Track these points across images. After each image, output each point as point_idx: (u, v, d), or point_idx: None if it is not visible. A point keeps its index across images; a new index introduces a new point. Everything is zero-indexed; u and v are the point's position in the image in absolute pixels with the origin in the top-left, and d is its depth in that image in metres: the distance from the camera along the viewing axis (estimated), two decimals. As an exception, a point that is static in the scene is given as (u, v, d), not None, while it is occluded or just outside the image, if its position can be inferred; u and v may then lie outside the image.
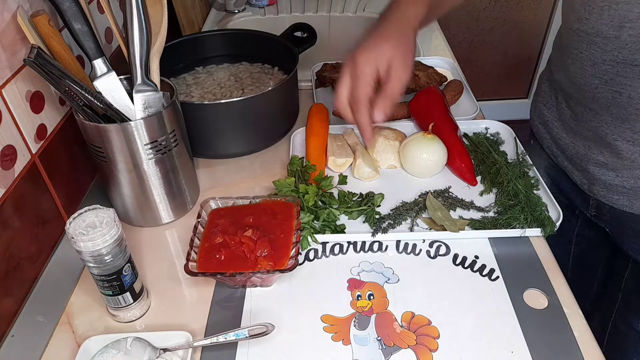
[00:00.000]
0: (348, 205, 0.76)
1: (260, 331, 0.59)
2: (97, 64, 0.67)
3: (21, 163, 0.65)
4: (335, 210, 0.74)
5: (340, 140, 0.89)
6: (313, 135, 0.87)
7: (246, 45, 1.00)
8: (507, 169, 0.80)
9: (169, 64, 0.90)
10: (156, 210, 0.75)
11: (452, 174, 0.84)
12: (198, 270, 0.62)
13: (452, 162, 0.83)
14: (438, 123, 0.84)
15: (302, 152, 0.88)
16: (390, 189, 0.81)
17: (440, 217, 0.73)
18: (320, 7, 1.41)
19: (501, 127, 0.91)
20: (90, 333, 0.61)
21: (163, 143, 0.70)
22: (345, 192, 0.78)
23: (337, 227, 0.73)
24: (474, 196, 0.79)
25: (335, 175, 0.82)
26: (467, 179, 0.82)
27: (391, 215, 0.75)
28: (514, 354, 0.58)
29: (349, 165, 0.85)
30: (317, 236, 0.71)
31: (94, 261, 0.56)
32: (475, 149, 0.87)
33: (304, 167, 0.81)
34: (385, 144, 0.85)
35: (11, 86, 0.63)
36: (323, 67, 1.06)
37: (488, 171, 0.82)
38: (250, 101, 0.81)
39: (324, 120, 0.90)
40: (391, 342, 0.60)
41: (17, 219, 0.64)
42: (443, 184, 0.81)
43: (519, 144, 0.86)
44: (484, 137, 0.89)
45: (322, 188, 0.77)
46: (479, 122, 0.93)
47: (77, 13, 0.63)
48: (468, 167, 0.82)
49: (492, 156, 0.83)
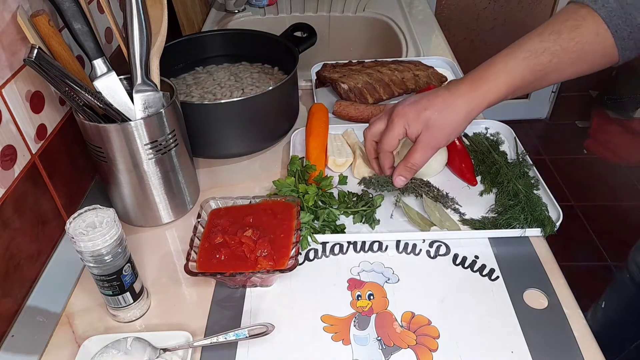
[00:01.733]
0: (348, 205, 0.76)
1: (260, 331, 0.59)
2: (97, 64, 0.67)
3: (21, 163, 0.65)
4: (335, 210, 0.74)
5: (340, 140, 0.89)
6: (313, 135, 0.87)
7: (246, 45, 1.00)
8: (507, 168, 0.80)
9: (169, 64, 0.90)
10: (156, 210, 0.75)
11: (452, 173, 0.84)
12: (198, 270, 0.62)
13: (452, 161, 0.83)
14: None
15: (302, 152, 0.88)
16: None
17: (439, 219, 0.73)
18: (320, 7, 1.41)
19: (501, 127, 0.91)
20: (90, 333, 0.61)
21: (163, 143, 0.70)
22: (345, 193, 0.78)
23: (337, 227, 0.73)
24: (474, 196, 0.79)
25: (335, 175, 0.82)
26: (467, 178, 0.82)
27: (381, 180, 0.78)
28: (514, 354, 0.58)
29: (349, 165, 0.85)
30: (317, 236, 0.71)
31: (94, 261, 0.56)
32: (475, 149, 0.87)
33: (304, 167, 0.81)
34: None
35: (11, 86, 0.63)
36: (323, 67, 1.06)
37: (488, 171, 0.82)
38: (250, 101, 0.81)
39: (324, 120, 0.91)
40: (391, 342, 0.60)
41: (17, 219, 0.64)
42: (443, 183, 0.81)
43: (519, 144, 0.86)
44: (484, 137, 0.89)
45: (322, 188, 0.77)
46: (479, 121, 0.92)
47: (77, 13, 0.63)
48: (468, 166, 0.82)
49: (492, 156, 0.83)
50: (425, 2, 1.48)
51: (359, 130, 0.89)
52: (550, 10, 2.31)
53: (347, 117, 0.95)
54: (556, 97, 2.54)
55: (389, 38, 1.32)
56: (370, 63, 1.07)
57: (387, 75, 1.01)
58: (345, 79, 0.99)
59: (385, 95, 1.00)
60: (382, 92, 0.99)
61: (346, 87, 0.98)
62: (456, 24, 2.32)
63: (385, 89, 1.00)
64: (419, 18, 1.38)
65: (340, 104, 0.95)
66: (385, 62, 1.06)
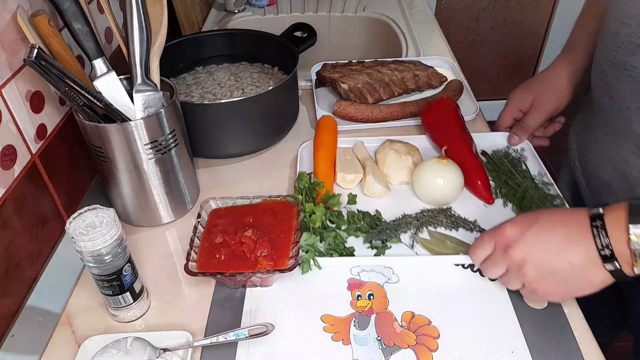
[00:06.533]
0: (357, 226, 0.72)
1: (260, 331, 0.59)
2: (97, 64, 0.67)
3: (21, 163, 0.65)
4: (342, 233, 0.70)
5: (350, 154, 0.85)
6: (321, 149, 0.83)
7: (246, 45, 1.00)
8: (533, 191, 0.75)
9: (169, 64, 0.90)
10: (156, 210, 0.75)
11: (468, 191, 0.79)
12: (198, 270, 0.62)
13: (467, 179, 0.77)
14: (452, 138, 0.81)
15: (310, 166, 0.84)
16: (401, 206, 0.77)
17: (453, 247, 0.70)
18: (320, 7, 1.41)
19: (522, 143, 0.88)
20: (90, 333, 0.61)
21: (163, 143, 0.70)
22: (354, 213, 0.74)
23: (346, 250, 0.69)
24: (494, 215, 0.74)
25: (344, 193, 0.78)
26: (483, 196, 0.77)
27: (391, 226, 0.72)
28: (514, 354, 0.58)
29: (359, 182, 0.81)
30: (321, 261, 0.67)
31: (94, 261, 0.56)
32: (497, 168, 0.81)
33: (311, 184, 0.77)
34: (397, 159, 0.81)
35: (11, 86, 0.63)
36: (323, 67, 1.06)
37: (513, 194, 0.76)
38: (250, 101, 0.81)
39: (332, 133, 0.87)
40: (391, 342, 0.60)
41: (17, 219, 0.64)
42: (457, 201, 0.77)
43: (541, 163, 0.83)
44: (504, 153, 0.84)
45: (329, 207, 0.73)
46: (494, 135, 0.89)
47: (77, 13, 0.63)
48: (484, 183, 0.77)
49: (515, 177, 0.78)
50: (425, 2, 1.48)
51: (369, 144, 0.87)
52: (550, 10, 2.31)
53: (347, 117, 0.95)
54: (556, 97, 2.54)
55: (389, 38, 1.32)
56: (370, 63, 1.07)
57: (387, 75, 1.01)
58: (345, 79, 0.99)
59: (385, 95, 1.00)
60: (382, 92, 1.00)
61: (346, 87, 0.98)
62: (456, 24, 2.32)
63: (385, 89, 1.00)
64: (419, 18, 1.38)
65: (340, 104, 0.95)
66: (385, 62, 1.06)
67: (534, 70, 2.49)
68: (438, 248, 0.70)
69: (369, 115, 0.93)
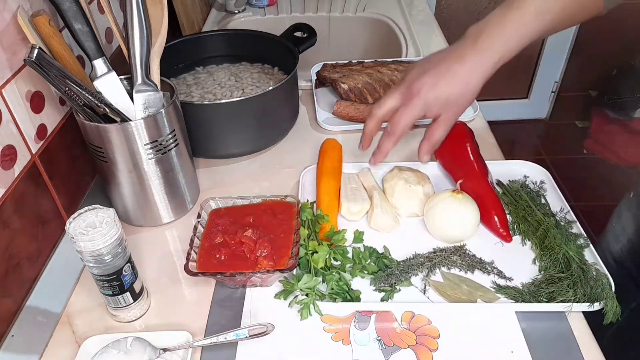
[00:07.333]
0: (363, 265, 0.67)
1: (260, 331, 0.59)
2: (97, 64, 0.67)
3: (21, 163, 0.65)
4: (346, 275, 0.64)
5: (355, 182, 0.79)
6: (325, 177, 0.77)
7: (246, 45, 1.00)
8: (555, 230, 0.68)
9: (169, 64, 0.90)
10: (156, 210, 0.75)
11: (483, 227, 0.72)
12: (198, 270, 0.62)
13: (482, 213, 0.71)
14: (467, 169, 0.75)
15: (313, 193, 0.78)
16: (410, 242, 0.71)
17: (468, 291, 0.64)
18: (320, 7, 1.41)
19: (539, 172, 0.81)
20: (90, 333, 0.61)
21: (163, 143, 0.70)
22: (359, 252, 0.68)
23: (351, 294, 0.63)
24: (516, 257, 0.69)
25: (350, 228, 0.72)
26: (501, 235, 0.70)
27: (400, 268, 0.66)
28: (514, 354, 0.58)
29: (365, 213, 0.75)
30: (322, 306, 0.62)
31: (94, 261, 0.56)
32: (514, 202, 0.74)
33: (315, 216, 0.71)
34: (407, 189, 0.74)
35: (11, 86, 0.63)
36: (323, 67, 1.06)
37: (533, 232, 0.70)
38: (250, 101, 0.81)
39: (337, 159, 0.81)
40: (391, 342, 0.60)
41: (17, 219, 0.64)
42: (472, 238, 0.71)
43: (562, 198, 0.76)
44: (521, 184, 0.77)
45: (333, 243, 0.68)
46: (510, 163, 0.82)
47: (77, 13, 0.63)
48: (502, 220, 0.70)
49: (535, 214, 0.71)
50: (425, 2, 1.48)
51: (375, 171, 0.81)
52: (550, 11, 2.31)
53: (347, 117, 0.95)
54: (556, 97, 2.54)
55: (389, 38, 1.32)
56: (370, 63, 1.07)
57: (387, 75, 1.01)
58: (345, 79, 0.99)
59: (385, 96, 1.00)
60: (382, 92, 0.99)
61: (346, 87, 0.98)
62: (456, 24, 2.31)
63: (385, 89, 1.00)
64: (419, 18, 1.38)
65: (340, 104, 0.95)
66: (385, 62, 1.06)
67: (534, 71, 2.49)
68: (453, 292, 0.64)
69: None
